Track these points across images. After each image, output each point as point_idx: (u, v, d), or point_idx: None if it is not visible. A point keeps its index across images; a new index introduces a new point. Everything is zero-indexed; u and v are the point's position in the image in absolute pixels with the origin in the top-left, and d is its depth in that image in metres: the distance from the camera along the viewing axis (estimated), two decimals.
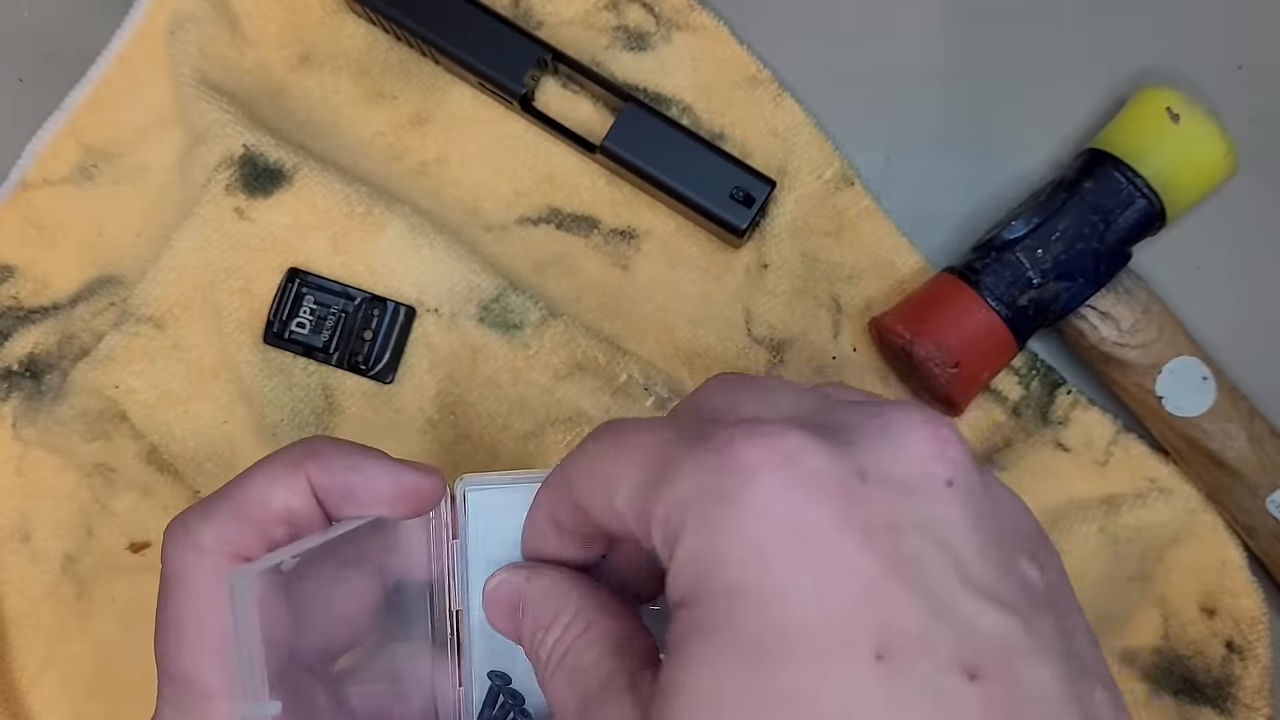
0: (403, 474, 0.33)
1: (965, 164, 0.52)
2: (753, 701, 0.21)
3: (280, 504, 0.31)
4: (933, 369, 0.46)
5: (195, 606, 0.31)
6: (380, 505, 0.32)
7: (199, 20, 0.52)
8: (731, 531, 0.22)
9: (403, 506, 0.33)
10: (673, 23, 0.52)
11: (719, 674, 0.21)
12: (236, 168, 0.49)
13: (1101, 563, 0.49)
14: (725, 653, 0.22)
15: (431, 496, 0.33)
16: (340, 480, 0.32)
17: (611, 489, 0.26)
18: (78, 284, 0.52)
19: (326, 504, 0.32)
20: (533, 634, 0.30)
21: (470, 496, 0.34)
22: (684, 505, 0.23)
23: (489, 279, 0.49)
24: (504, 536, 0.34)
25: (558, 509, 0.30)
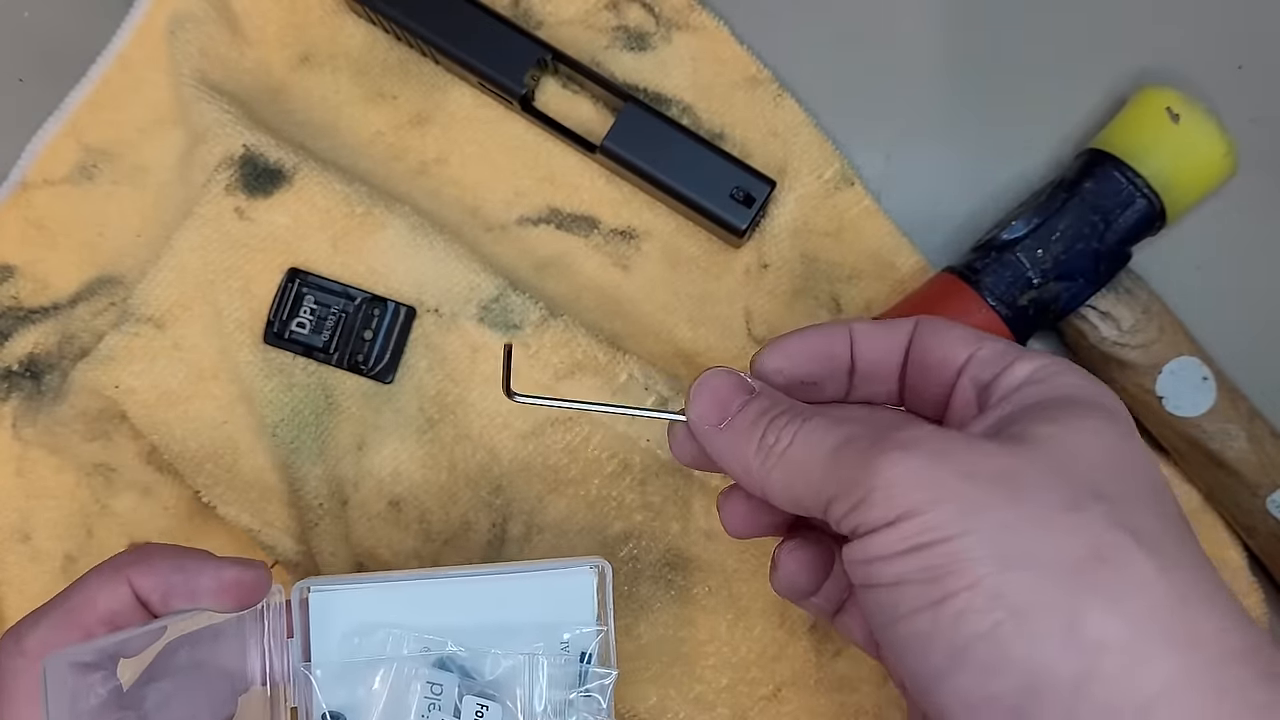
0: (224, 569, 0.34)
1: (965, 164, 0.52)
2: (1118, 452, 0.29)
3: (103, 607, 0.33)
4: None
5: (20, 711, 0.32)
6: (205, 599, 0.34)
7: (199, 20, 0.52)
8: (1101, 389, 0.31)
9: (227, 600, 0.34)
10: (673, 23, 0.52)
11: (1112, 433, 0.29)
12: (236, 168, 0.49)
13: None
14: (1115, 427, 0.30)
15: (256, 589, 0.35)
16: (164, 580, 0.34)
17: (976, 344, 0.32)
18: (78, 284, 0.52)
19: (152, 604, 0.34)
20: (758, 417, 0.32)
21: (313, 597, 0.36)
22: (1059, 367, 0.31)
23: (489, 279, 0.49)
24: (345, 635, 0.36)
25: (878, 347, 0.34)
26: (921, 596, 0.27)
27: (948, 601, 0.26)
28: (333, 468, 0.49)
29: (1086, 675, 0.25)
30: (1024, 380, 0.30)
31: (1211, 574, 0.27)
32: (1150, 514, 0.28)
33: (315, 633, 0.36)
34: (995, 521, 0.27)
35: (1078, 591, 0.26)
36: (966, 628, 0.26)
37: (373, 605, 0.37)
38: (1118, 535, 0.26)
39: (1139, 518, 0.27)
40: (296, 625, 0.36)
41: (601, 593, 0.37)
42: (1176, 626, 0.26)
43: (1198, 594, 0.27)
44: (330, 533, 0.48)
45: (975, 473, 0.27)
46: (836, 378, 0.35)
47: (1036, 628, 0.26)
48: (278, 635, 0.36)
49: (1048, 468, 0.28)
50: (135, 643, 0.34)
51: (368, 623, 0.36)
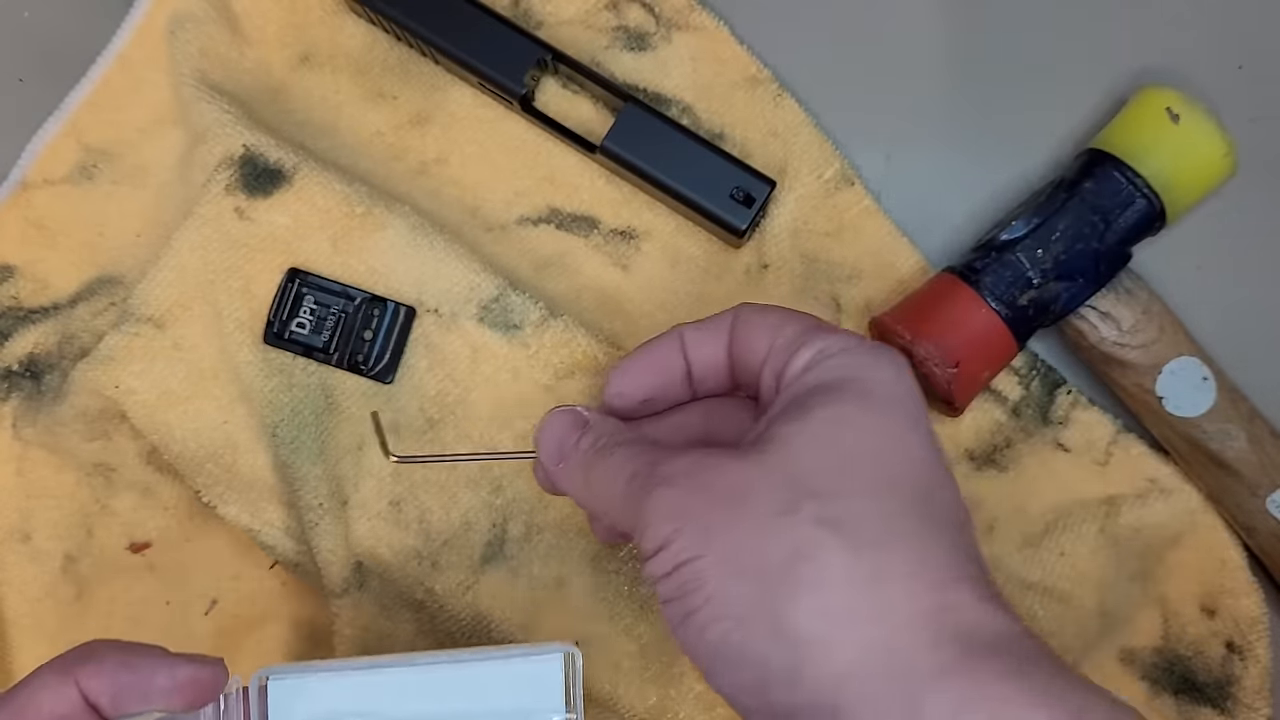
0: (178, 667, 0.33)
1: (965, 164, 0.52)
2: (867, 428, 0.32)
3: (48, 711, 0.32)
4: (933, 369, 0.46)
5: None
6: (157, 699, 0.33)
7: (199, 20, 0.52)
8: (877, 364, 0.34)
9: (180, 700, 0.33)
10: (673, 23, 0.52)
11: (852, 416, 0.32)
12: (236, 168, 0.49)
13: (1102, 563, 0.49)
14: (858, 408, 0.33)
15: (211, 688, 0.34)
16: (114, 679, 0.33)
17: (775, 333, 0.35)
18: (78, 284, 0.52)
19: (101, 707, 0.33)
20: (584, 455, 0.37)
21: (271, 685, 0.35)
22: (843, 346, 0.34)
23: (489, 279, 0.49)
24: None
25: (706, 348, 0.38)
26: (679, 612, 0.31)
27: (693, 616, 0.31)
28: (333, 468, 0.49)
29: (797, 665, 0.30)
30: (802, 368, 0.34)
31: (929, 544, 0.30)
32: (869, 500, 0.31)
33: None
34: (725, 539, 0.31)
35: (780, 592, 0.30)
36: (708, 636, 0.31)
37: (333, 694, 0.35)
38: (818, 532, 0.30)
39: (852, 507, 0.30)
40: (254, 716, 0.35)
41: (570, 680, 0.36)
42: (863, 606, 0.29)
43: (895, 570, 0.30)
44: (330, 533, 0.48)
45: (713, 494, 0.31)
46: (677, 385, 0.39)
47: (753, 631, 0.30)
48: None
49: (774, 472, 0.31)
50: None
51: (330, 711, 0.35)
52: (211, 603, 0.51)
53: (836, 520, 0.30)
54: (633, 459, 0.34)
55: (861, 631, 0.29)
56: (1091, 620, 0.49)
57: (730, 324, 0.37)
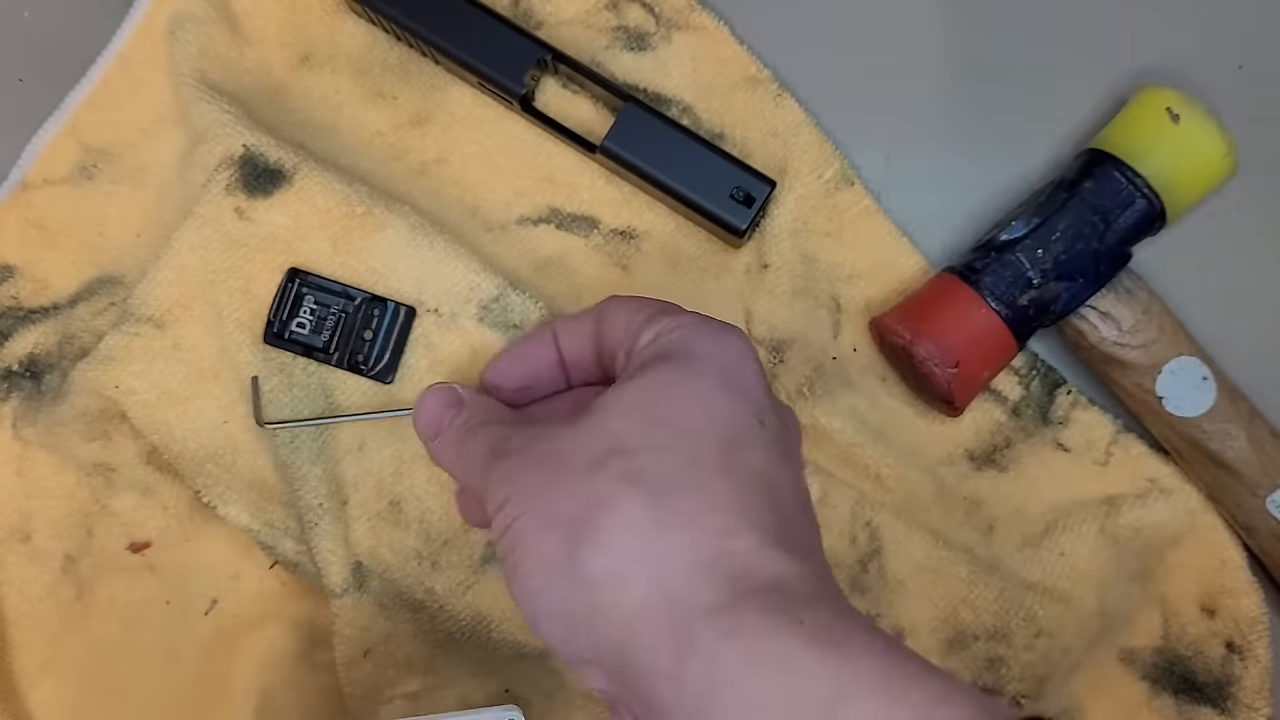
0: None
1: (965, 164, 0.52)
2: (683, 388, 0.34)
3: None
4: (933, 369, 0.46)
5: None
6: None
7: (199, 20, 0.52)
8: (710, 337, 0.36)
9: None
10: (673, 23, 0.52)
11: (663, 378, 0.34)
12: (236, 168, 0.49)
13: (1102, 563, 0.49)
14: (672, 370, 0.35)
15: None
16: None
17: (630, 318, 0.37)
18: (78, 284, 0.52)
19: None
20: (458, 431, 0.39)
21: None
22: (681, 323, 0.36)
23: (489, 279, 0.49)
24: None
25: (575, 338, 0.40)
26: (509, 569, 0.33)
27: (516, 570, 0.33)
28: (333, 468, 0.49)
29: (592, 609, 0.31)
30: (645, 345, 0.36)
31: (720, 495, 0.32)
32: (669, 454, 0.33)
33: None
34: (542, 497, 0.33)
35: (580, 539, 0.32)
36: (527, 586, 0.33)
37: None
38: (618, 484, 0.32)
39: (653, 461, 0.32)
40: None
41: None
42: (649, 550, 0.31)
43: (682, 516, 0.31)
44: (330, 533, 0.48)
45: (539, 461, 0.34)
46: (551, 374, 0.41)
47: (557, 578, 0.32)
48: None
49: (591, 434, 0.34)
50: None
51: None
52: (212, 603, 0.51)
53: (637, 473, 0.32)
54: (490, 436, 0.37)
55: (646, 574, 0.31)
56: (1091, 620, 0.49)
57: (596, 315, 0.39)
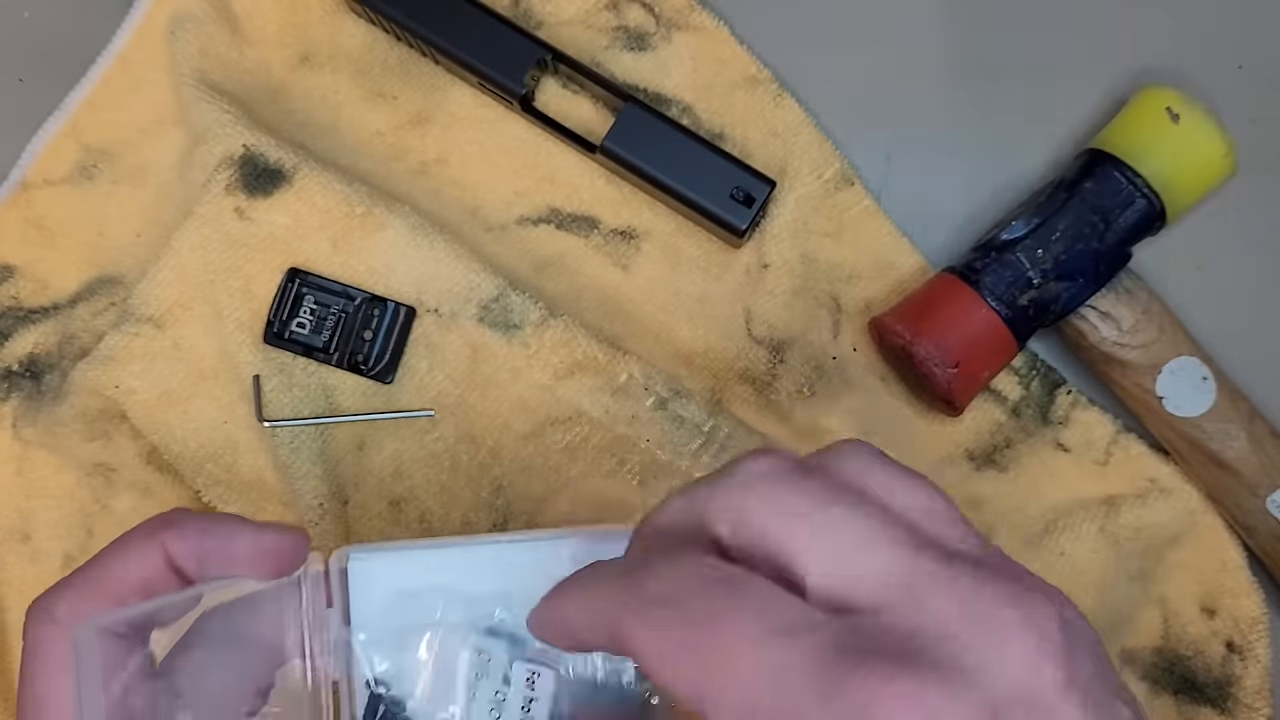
0: (262, 535, 0.33)
1: (965, 164, 0.52)
2: None
3: (135, 574, 0.32)
4: (933, 369, 0.46)
5: (54, 680, 0.31)
6: (241, 566, 0.32)
7: (199, 20, 0.52)
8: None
9: (264, 567, 0.33)
10: (673, 23, 0.52)
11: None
12: (236, 168, 0.49)
13: (1102, 563, 0.49)
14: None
15: (293, 557, 0.33)
16: (198, 545, 0.32)
17: (704, 698, 0.23)
18: (78, 284, 0.52)
19: (186, 570, 0.32)
20: None
21: (352, 564, 0.34)
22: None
23: (489, 279, 0.49)
24: (385, 604, 0.34)
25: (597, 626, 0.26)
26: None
27: None
28: (333, 468, 0.49)
29: None
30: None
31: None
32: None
33: (355, 601, 0.34)
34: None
35: None
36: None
37: (414, 572, 0.35)
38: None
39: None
40: (336, 594, 0.34)
41: None
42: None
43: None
44: (330, 533, 0.48)
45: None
46: None
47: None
48: (316, 605, 0.34)
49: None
50: (169, 612, 0.33)
51: (409, 590, 0.34)
52: None
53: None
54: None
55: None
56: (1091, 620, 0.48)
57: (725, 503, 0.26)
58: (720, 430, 0.48)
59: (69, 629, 0.31)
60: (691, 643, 0.23)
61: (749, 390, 0.51)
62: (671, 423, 0.48)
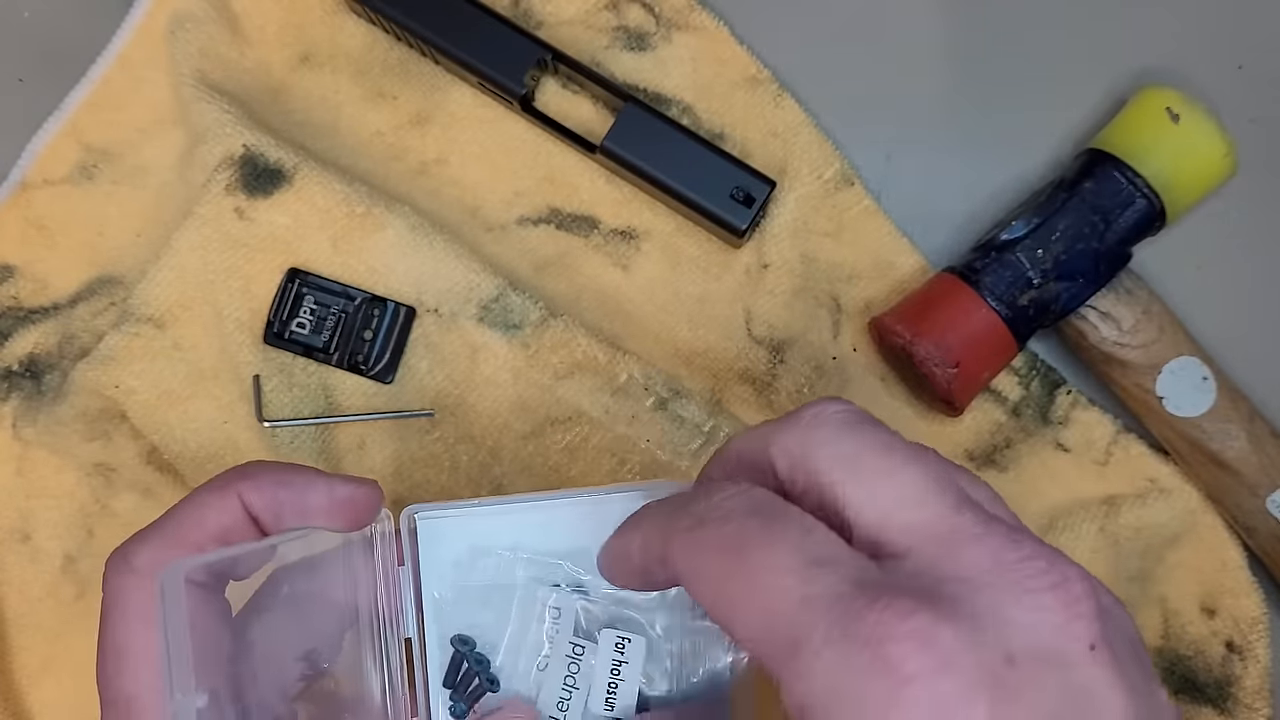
0: (336, 486, 0.33)
1: (965, 164, 0.52)
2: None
3: (214, 524, 0.32)
4: (933, 369, 0.46)
5: (134, 629, 0.31)
6: (316, 517, 0.33)
7: (199, 20, 0.52)
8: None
9: (339, 518, 0.33)
10: (673, 23, 0.52)
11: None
12: (236, 168, 0.49)
13: (1102, 563, 0.49)
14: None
15: (368, 508, 0.33)
16: (273, 496, 0.32)
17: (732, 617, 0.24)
18: (78, 284, 0.52)
19: (263, 521, 0.33)
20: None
21: (420, 523, 0.35)
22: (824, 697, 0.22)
23: (489, 279, 0.49)
24: (456, 561, 0.34)
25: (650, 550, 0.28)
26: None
27: None
28: (333, 468, 0.49)
29: None
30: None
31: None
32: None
33: (425, 559, 0.35)
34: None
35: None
36: None
37: (483, 530, 0.35)
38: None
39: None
40: (406, 553, 0.35)
41: None
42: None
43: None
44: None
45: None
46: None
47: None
48: (388, 562, 0.35)
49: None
50: (246, 562, 0.33)
51: (479, 547, 0.35)
52: None
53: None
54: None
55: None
56: None
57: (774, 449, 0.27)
58: (720, 430, 0.48)
59: (148, 578, 0.31)
60: (727, 563, 0.24)
61: (749, 390, 0.51)
62: (671, 423, 0.48)
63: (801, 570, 0.23)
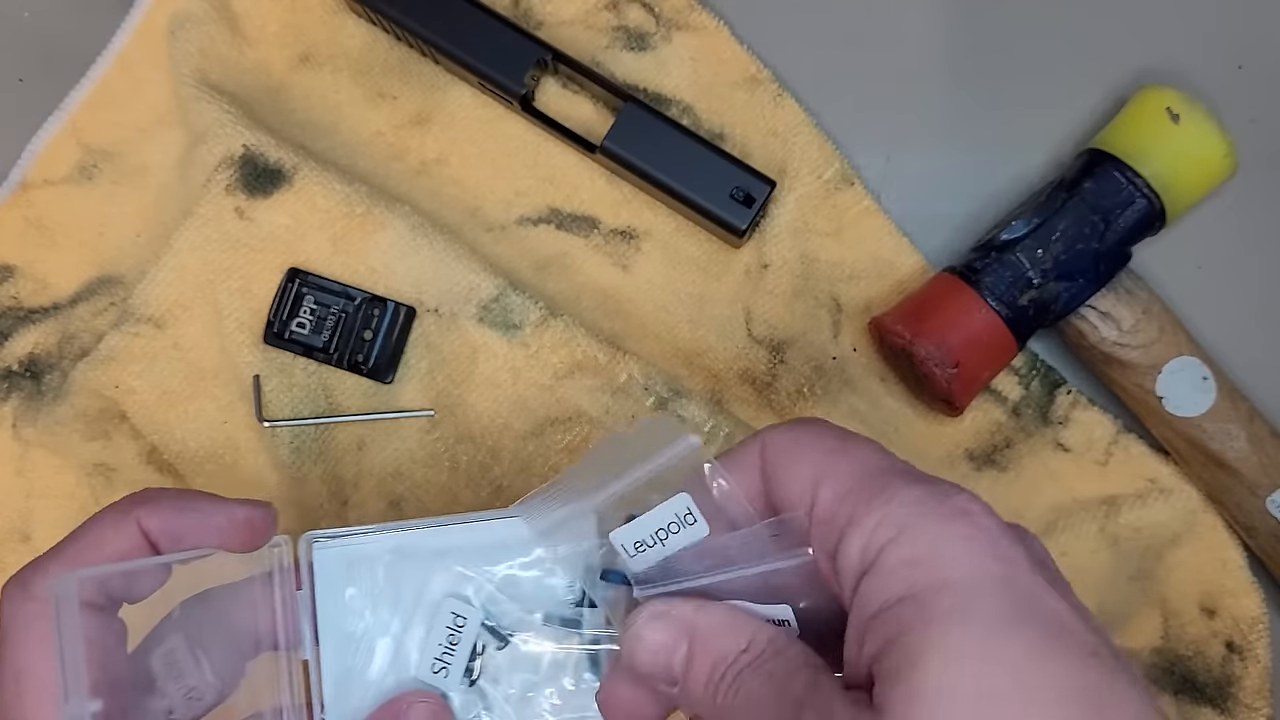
0: (233, 509, 0.34)
1: (965, 164, 0.52)
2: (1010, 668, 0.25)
3: (111, 548, 0.33)
4: (933, 369, 0.46)
5: (34, 653, 0.31)
6: (212, 539, 0.34)
7: (199, 20, 0.52)
8: (965, 541, 0.27)
9: (235, 539, 0.34)
10: (673, 23, 0.52)
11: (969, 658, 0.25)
12: (236, 168, 0.49)
13: (1102, 563, 0.49)
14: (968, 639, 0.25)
15: (262, 529, 0.34)
16: (170, 520, 0.33)
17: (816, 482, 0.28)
18: (78, 284, 0.52)
19: (161, 545, 0.33)
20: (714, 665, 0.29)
21: (317, 551, 0.35)
22: (904, 519, 0.27)
23: (489, 279, 0.49)
24: (352, 587, 0.35)
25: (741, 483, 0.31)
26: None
27: None
28: (333, 468, 0.49)
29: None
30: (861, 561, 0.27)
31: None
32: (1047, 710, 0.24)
33: (322, 583, 0.35)
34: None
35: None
36: None
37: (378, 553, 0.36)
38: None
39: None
40: (305, 577, 0.35)
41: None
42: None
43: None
44: None
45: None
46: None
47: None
48: (286, 588, 0.35)
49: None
50: (141, 581, 0.34)
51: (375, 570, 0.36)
52: None
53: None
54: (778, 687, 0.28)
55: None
56: None
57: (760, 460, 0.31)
58: (720, 430, 0.48)
59: (47, 604, 0.31)
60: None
61: (749, 390, 0.51)
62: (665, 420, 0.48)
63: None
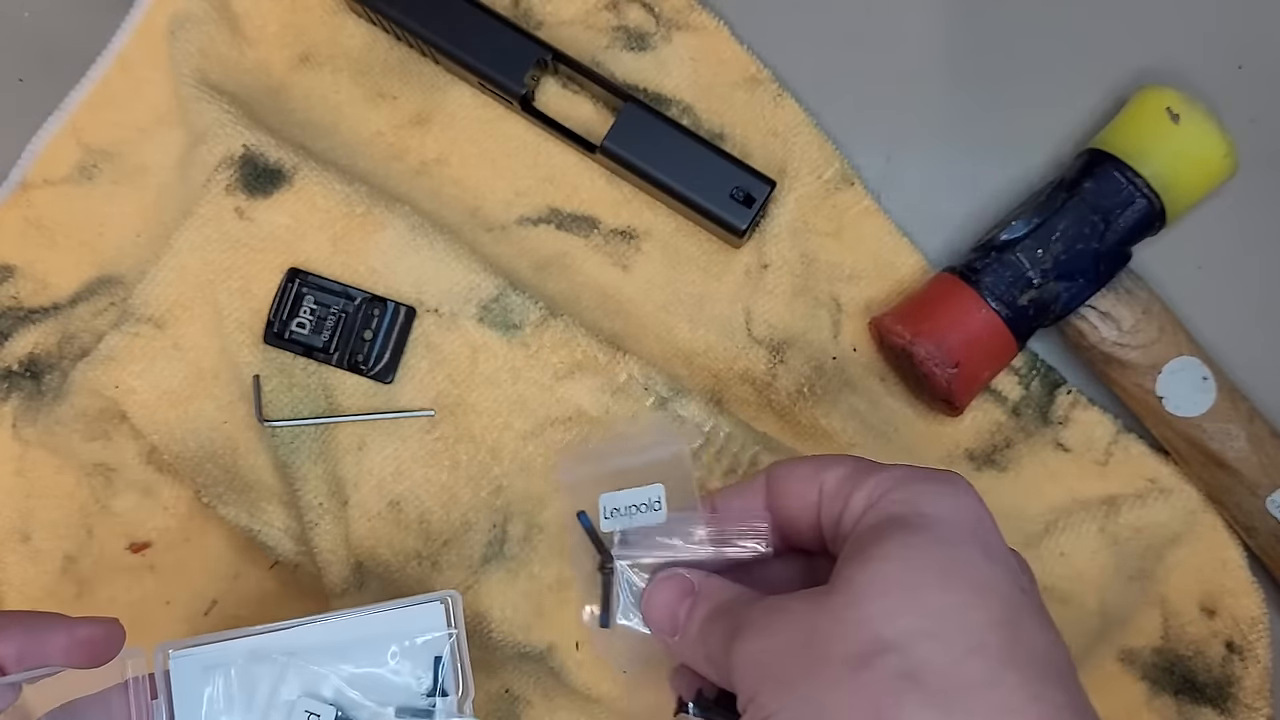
0: (76, 628, 0.35)
1: (965, 164, 0.52)
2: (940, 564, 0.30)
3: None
4: (933, 369, 0.46)
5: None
6: (58, 658, 0.34)
7: (199, 20, 0.52)
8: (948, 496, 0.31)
9: (80, 657, 0.35)
10: (673, 23, 0.52)
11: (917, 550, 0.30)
12: (236, 168, 0.49)
13: (1102, 563, 0.49)
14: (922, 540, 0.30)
15: (107, 645, 0.35)
16: (17, 643, 0.34)
17: (817, 482, 0.34)
18: (78, 284, 0.52)
19: (7, 667, 0.34)
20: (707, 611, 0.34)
21: (173, 659, 0.37)
22: (898, 479, 0.32)
23: (489, 279, 0.49)
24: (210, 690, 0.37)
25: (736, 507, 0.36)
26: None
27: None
28: (333, 468, 0.49)
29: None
30: (861, 510, 0.32)
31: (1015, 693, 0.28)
32: (953, 647, 0.28)
33: (179, 693, 0.37)
34: (799, 694, 0.29)
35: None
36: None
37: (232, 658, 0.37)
38: (898, 687, 0.28)
39: (937, 656, 0.28)
40: (160, 687, 0.37)
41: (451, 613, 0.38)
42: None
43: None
44: (330, 533, 0.48)
45: (791, 647, 0.30)
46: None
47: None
48: (141, 697, 0.37)
49: (846, 619, 0.29)
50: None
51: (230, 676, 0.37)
52: (211, 603, 0.51)
53: (916, 672, 0.28)
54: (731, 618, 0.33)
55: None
56: (1091, 620, 0.49)
57: (766, 484, 0.36)
58: (720, 430, 0.48)
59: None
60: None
61: (749, 390, 0.51)
62: (671, 422, 0.48)
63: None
